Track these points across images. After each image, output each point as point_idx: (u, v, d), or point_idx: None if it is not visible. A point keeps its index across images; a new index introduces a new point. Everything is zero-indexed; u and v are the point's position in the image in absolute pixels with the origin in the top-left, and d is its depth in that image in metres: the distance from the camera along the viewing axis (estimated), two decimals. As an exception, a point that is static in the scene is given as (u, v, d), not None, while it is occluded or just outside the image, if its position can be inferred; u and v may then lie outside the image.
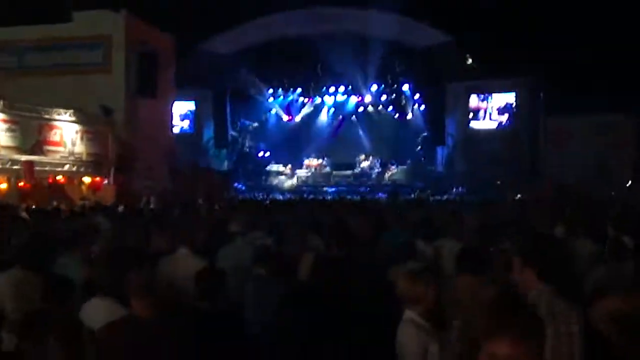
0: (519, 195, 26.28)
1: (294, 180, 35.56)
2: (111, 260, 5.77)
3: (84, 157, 20.75)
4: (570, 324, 4.24)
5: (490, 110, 33.98)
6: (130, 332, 4.08)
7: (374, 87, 36.75)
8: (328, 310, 5.69)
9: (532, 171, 31.62)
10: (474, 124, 34.11)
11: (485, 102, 33.98)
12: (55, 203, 16.31)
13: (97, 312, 4.70)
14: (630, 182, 28.64)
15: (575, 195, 23.00)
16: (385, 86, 36.65)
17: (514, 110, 33.53)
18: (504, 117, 33.71)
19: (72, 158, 20.20)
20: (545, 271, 4.42)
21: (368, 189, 33.32)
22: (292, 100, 38.55)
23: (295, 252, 7.20)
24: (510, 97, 33.76)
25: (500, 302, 3.54)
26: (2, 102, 17.68)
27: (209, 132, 36.00)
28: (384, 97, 37.16)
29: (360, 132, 38.44)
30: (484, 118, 34.00)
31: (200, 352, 4.44)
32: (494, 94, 33.87)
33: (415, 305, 4.38)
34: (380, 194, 30.68)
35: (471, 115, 34.11)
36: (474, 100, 34.19)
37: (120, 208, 15.21)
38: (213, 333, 4.61)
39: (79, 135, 20.63)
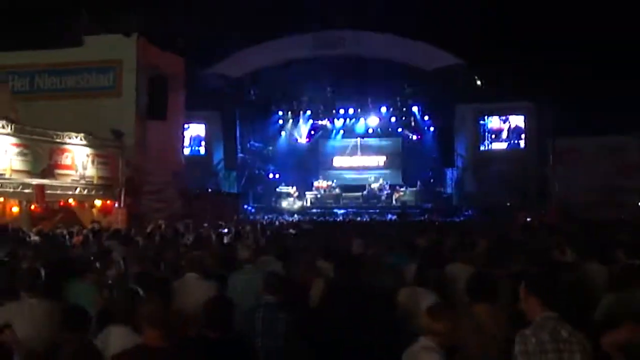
0: (528, 219, 26.17)
1: (304, 202, 35.60)
2: (125, 287, 5.81)
3: (95, 181, 20.71)
4: (573, 351, 4.25)
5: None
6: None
7: (384, 109, 36.86)
8: (335, 337, 5.73)
9: (541, 193, 31.51)
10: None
11: (506, 123, 33.96)
12: (60, 227, 16.22)
13: (115, 340, 4.73)
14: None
15: (581, 218, 22.84)
16: (394, 108, 36.74)
17: (523, 131, 33.52)
18: (517, 139, 33.67)
19: (83, 181, 20.15)
20: (549, 299, 4.45)
21: (377, 210, 33.31)
22: (301, 122, 38.66)
23: (305, 278, 7.22)
24: (519, 119, 33.77)
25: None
26: (13, 126, 17.69)
27: (218, 155, 36.06)
28: (393, 119, 37.28)
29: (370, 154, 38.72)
30: (506, 139, 33.98)
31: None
32: (510, 116, 33.92)
33: (432, 336, 4.46)
34: (389, 216, 30.70)
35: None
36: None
37: (133, 232, 15.13)
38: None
39: (89, 159, 20.60)
